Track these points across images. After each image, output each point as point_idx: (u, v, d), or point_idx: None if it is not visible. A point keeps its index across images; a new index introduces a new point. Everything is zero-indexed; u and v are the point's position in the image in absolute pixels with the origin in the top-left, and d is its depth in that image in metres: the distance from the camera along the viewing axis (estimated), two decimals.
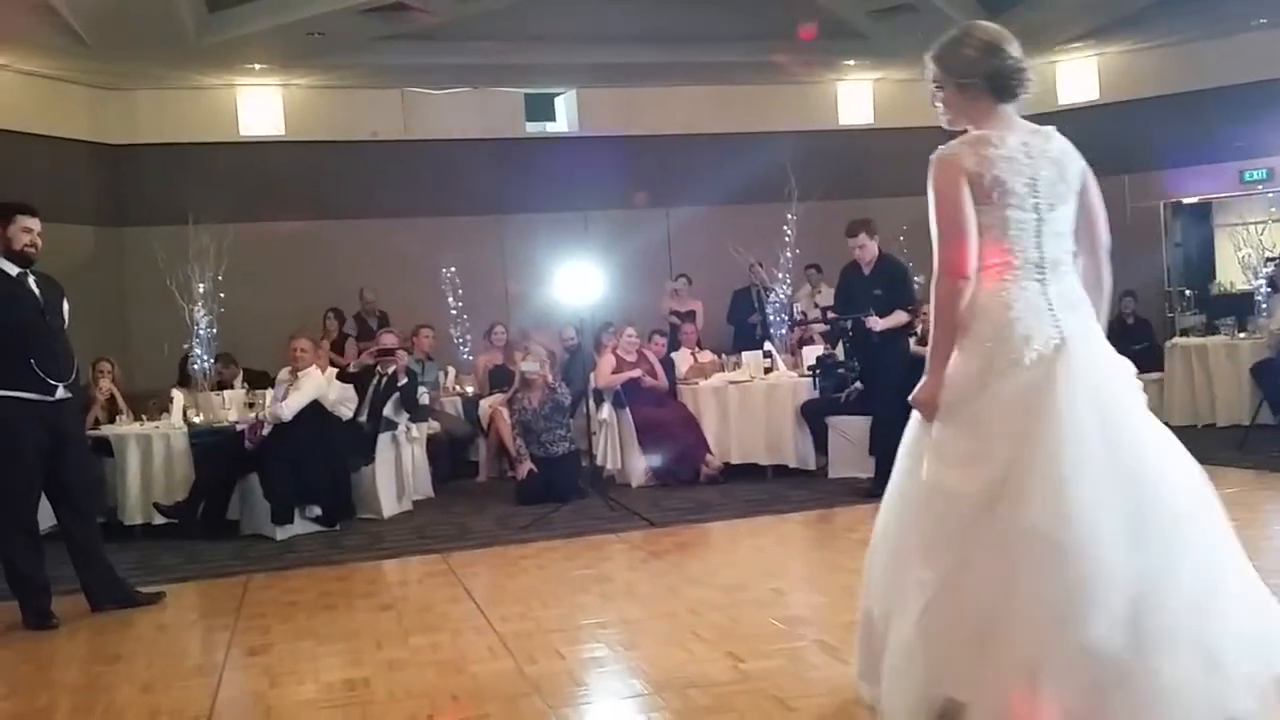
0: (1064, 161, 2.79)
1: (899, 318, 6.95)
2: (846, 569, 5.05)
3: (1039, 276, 2.73)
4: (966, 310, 2.76)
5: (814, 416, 8.04)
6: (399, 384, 7.83)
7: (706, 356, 9.35)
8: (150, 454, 7.23)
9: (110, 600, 5.01)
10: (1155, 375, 10.19)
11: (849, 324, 7.14)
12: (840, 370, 7.69)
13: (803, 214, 9.56)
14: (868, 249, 7.05)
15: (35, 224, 4.85)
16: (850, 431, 7.80)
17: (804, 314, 7.50)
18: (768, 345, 8.75)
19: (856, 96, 13.28)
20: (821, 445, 8.06)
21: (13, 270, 4.80)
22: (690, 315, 10.61)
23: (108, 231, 11.41)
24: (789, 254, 9.49)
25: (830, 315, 7.44)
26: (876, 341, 6.96)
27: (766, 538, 6.16)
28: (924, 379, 2.85)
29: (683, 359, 9.24)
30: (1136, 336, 10.54)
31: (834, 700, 3.22)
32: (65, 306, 5.01)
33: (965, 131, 2.83)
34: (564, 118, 12.71)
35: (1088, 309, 2.77)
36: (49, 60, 10.54)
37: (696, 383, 8.64)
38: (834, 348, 7.89)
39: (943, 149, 2.79)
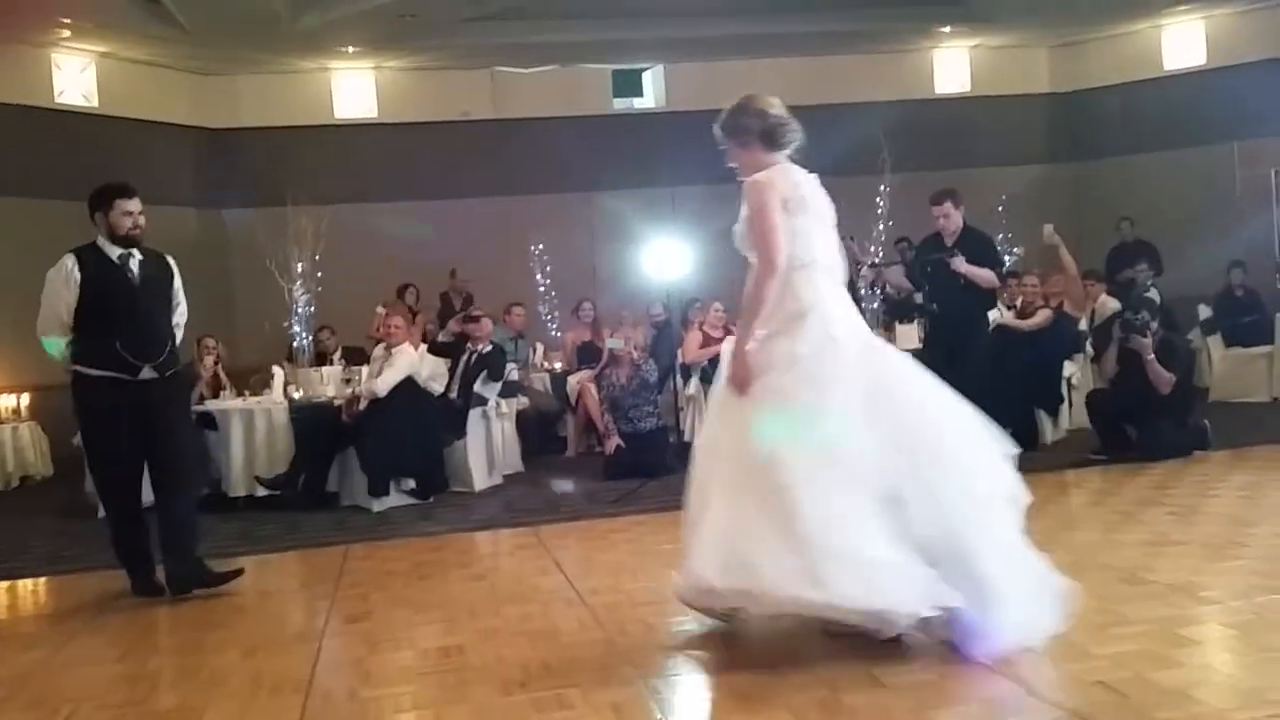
0: (827, 197, 3.63)
1: (987, 273, 6.71)
2: None
3: (830, 275, 3.54)
4: (779, 299, 3.45)
5: None
6: (484, 352, 7.91)
7: None
8: (252, 428, 7.44)
9: (187, 586, 4.82)
10: (1265, 349, 9.76)
11: (929, 267, 6.94)
12: (916, 308, 7.39)
13: (896, 186, 9.37)
14: (952, 219, 6.82)
15: (135, 205, 4.80)
16: None
17: (874, 261, 7.17)
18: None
19: (953, 64, 12.97)
20: None
21: (114, 253, 4.80)
22: None
23: (210, 214, 11.76)
24: (881, 227, 9.31)
25: (908, 252, 7.16)
26: (958, 309, 6.75)
27: None
28: (736, 357, 3.48)
29: None
30: (1245, 309, 10.10)
31: (931, 677, 3.15)
32: (176, 284, 5.00)
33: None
34: (651, 93, 12.65)
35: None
36: (152, 48, 10.88)
37: None
38: (913, 292, 7.48)
39: (757, 175, 3.58)
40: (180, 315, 5.04)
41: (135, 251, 4.84)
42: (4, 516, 7.96)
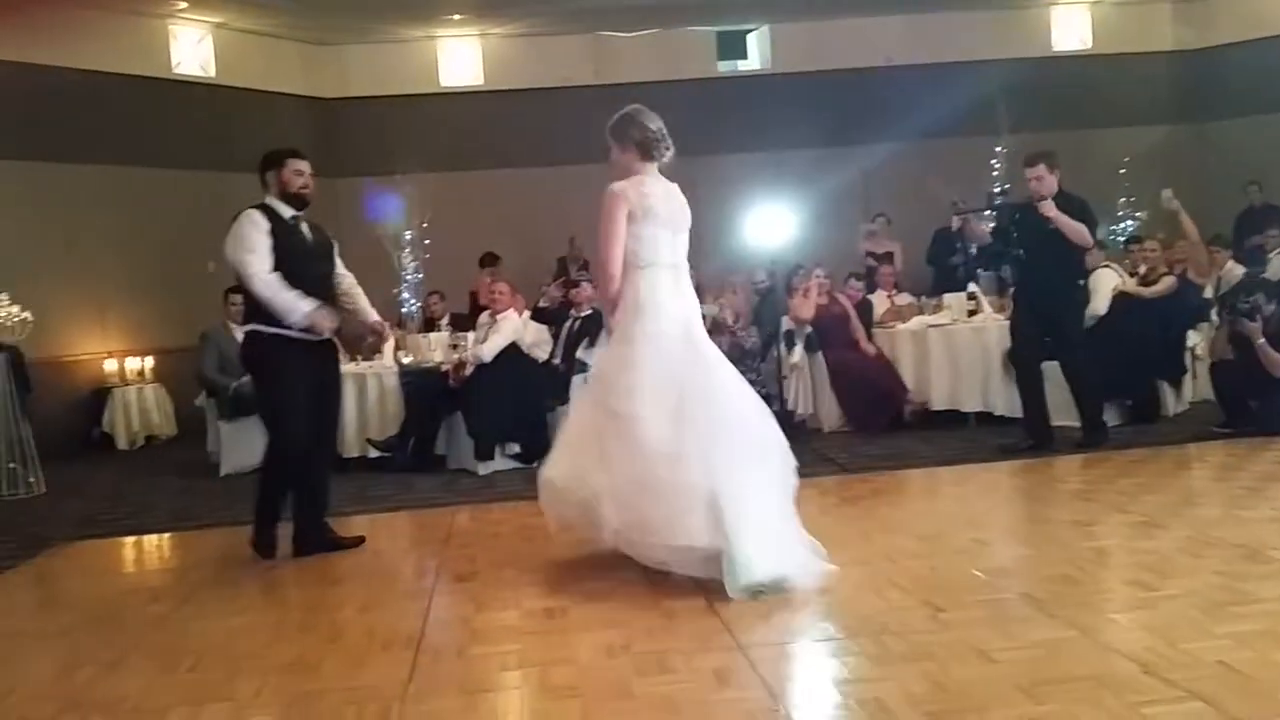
0: (684, 205, 4.36)
1: (1079, 225, 6.37)
2: (1054, 520, 4.83)
3: (673, 274, 4.21)
4: (622, 293, 4.15)
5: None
6: (585, 317, 7.95)
7: (904, 299, 9.05)
8: (365, 392, 7.64)
9: (315, 547, 4.97)
10: None
11: (1018, 214, 6.68)
12: (1001, 255, 7.08)
13: (1012, 147, 9.08)
14: (1045, 182, 6.50)
15: (306, 166, 4.90)
16: (1062, 378, 7.40)
17: (960, 208, 6.85)
18: (972, 287, 8.36)
19: (1072, 20, 12.46)
20: None
21: (287, 213, 4.85)
22: (888, 257, 10.27)
23: (322, 182, 11.87)
24: (997, 189, 9.04)
25: (999, 200, 6.86)
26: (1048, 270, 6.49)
27: (968, 487, 5.93)
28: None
29: (880, 302, 8.97)
30: None
31: (1041, 653, 3.08)
32: (335, 251, 5.13)
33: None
34: (756, 55, 12.45)
35: (694, 297, 4.31)
36: (265, 18, 11.15)
37: (894, 326, 8.38)
38: (998, 242, 7.14)
39: (613, 185, 4.25)
40: (349, 280, 5.17)
41: (301, 215, 4.93)
42: (130, 475, 8.35)
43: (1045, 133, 9.66)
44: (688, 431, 3.89)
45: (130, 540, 5.86)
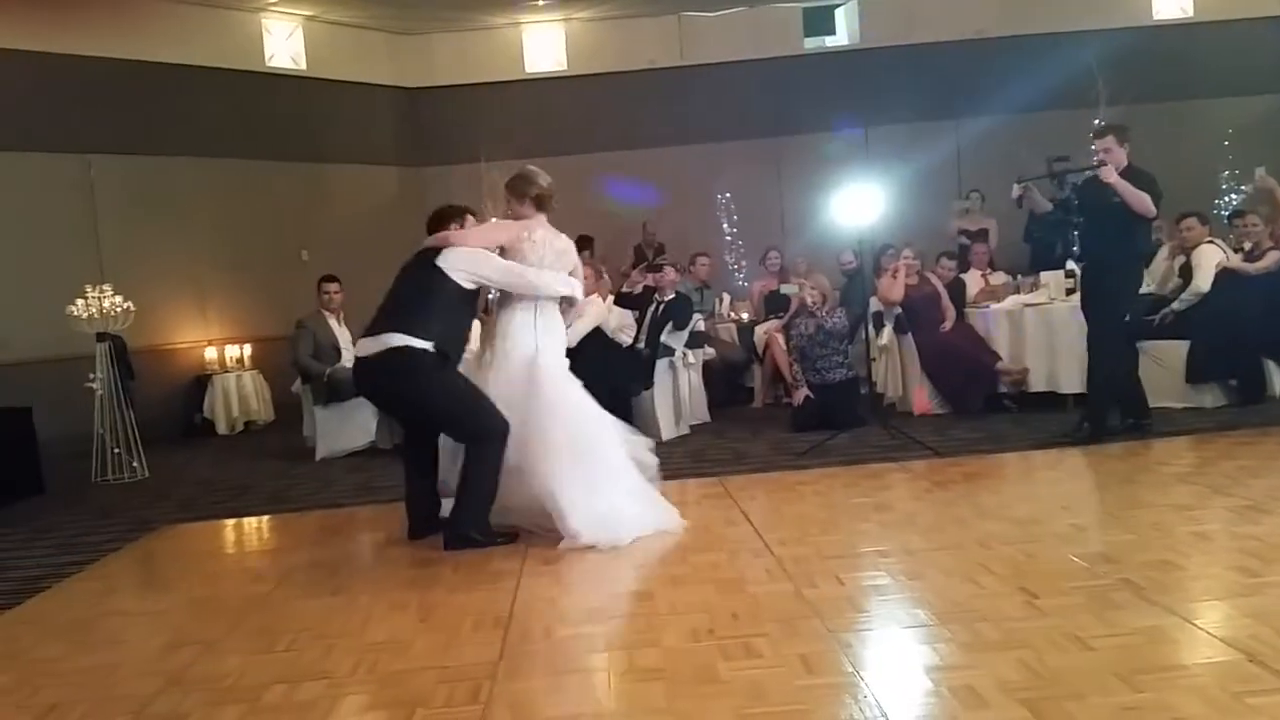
0: (567, 249, 5.12)
1: (1143, 195, 6.05)
2: (1156, 505, 4.67)
3: (536, 307, 4.97)
4: (498, 322, 5.02)
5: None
6: (668, 300, 7.93)
7: (999, 278, 8.83)
8: None
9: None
10: None
11: (1079, 179, 6.42)
12: (1060, 223, 6.79)
13: (1110, 120, 8.76)
14: (1113, 155, 6.20)
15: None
16: (1166, 358, 7.16)
17: (1021, 177, 6.61)
18: (1070, 265, 8.10)
19: None
20: None
21: None
22: (982, 234, 10.04)
23: (409, 171, 12.23)
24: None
25: (1057, 166, 6.58)
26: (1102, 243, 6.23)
27: (1065, 470, 5.77)
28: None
29: (973, 281, 8.77)
30: None
31: (1139, 640, 2.98)
32: None
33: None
34: (844, 30, 12.23)
35: (561, 329, 5.16)
36: (353, 10, 11.34)
37: (987, 306, 8.18)
38: (1058, 210, 6.72)
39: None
40: None
41: None
42: (229, 459, 8.60)
43: (1145, 105, 9.32)
44: (526, 433, 4.76)
45: (230, 522, 6.03)
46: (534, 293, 4.94)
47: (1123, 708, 2.57)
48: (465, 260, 4.80)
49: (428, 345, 4.69)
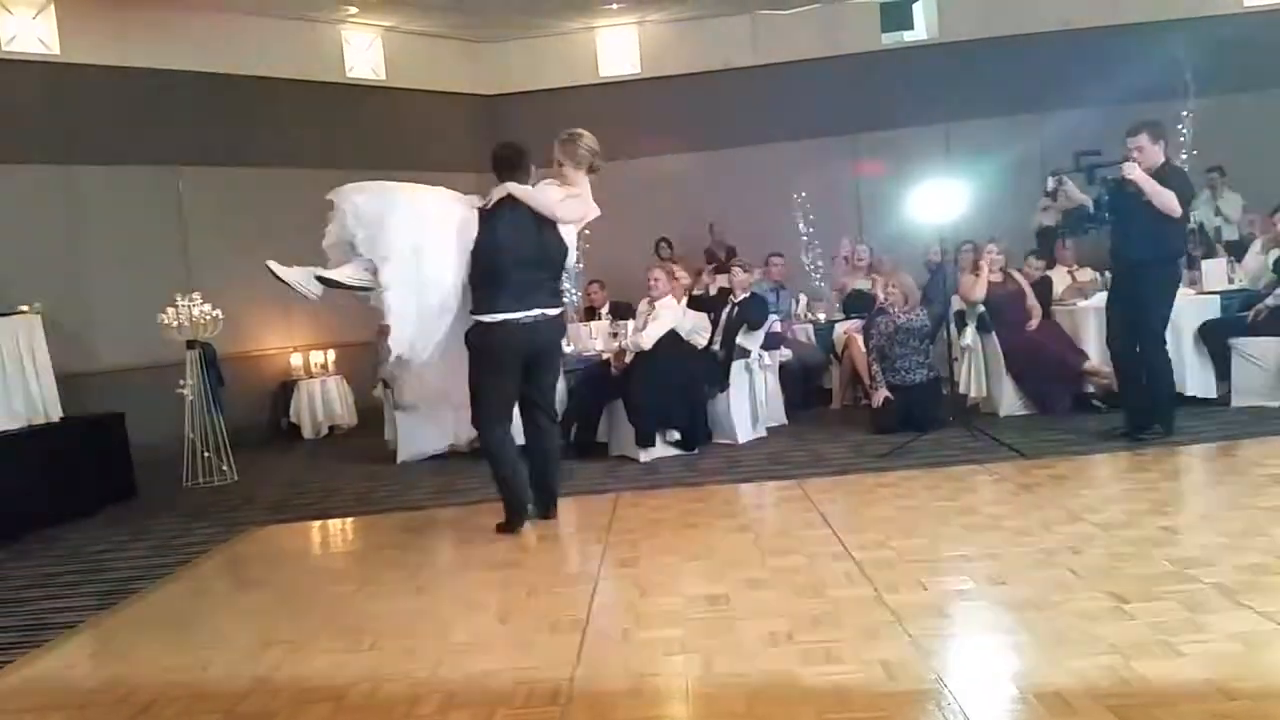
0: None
1: (1167, 193, 5.88)
2: (1251, 507, 4.50)
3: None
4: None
5: (1215, 338, 7.19)
6: (742, 301, 7.88)
7: (1086, 275, 8.60)
8: None
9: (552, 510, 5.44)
10: None
11: (1107, 174, 6.19)
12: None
13: (1201, 112, 8.50)
14: (1147, 153, 6.01)
15: None
16: (1259, 355, 6.91)
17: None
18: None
19: None
20: (1224, 371, 7.21)
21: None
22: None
23: (487, 178, 12.29)
24: (1184, 156, 8.47)
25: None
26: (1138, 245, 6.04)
27: (1155, 472, 5.58)
28: None
29: (1059, 278, 8.56)
30: None
31: (1232, 646, 2.87)
32: None
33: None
34: (922, 25, 12.00)
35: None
36: (431, 19, 11.52)
37: (1074, 304, 7.98)
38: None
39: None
40: None
41: None
42: (315, 462, 8.79)
43: (1236, 94, 9.01)
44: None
45: (316, 524, 6.16)
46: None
47: (1215, 715, 2.48)
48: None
49: None
